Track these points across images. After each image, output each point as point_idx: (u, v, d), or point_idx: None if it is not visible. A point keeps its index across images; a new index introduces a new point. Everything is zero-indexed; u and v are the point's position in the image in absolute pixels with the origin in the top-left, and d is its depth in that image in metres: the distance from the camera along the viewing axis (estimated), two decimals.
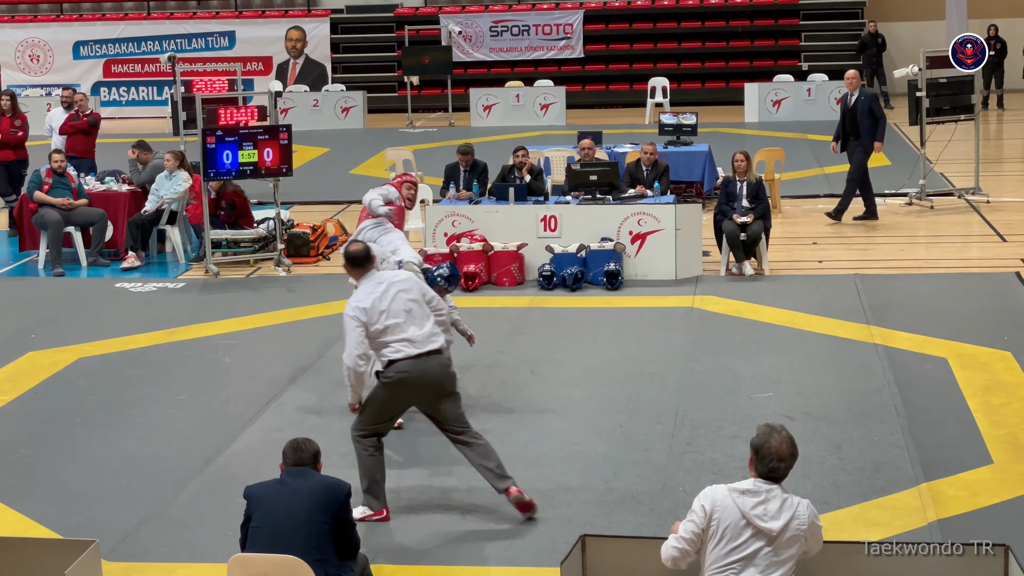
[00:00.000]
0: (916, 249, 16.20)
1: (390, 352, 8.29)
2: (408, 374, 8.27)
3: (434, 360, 8.35)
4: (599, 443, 9.74)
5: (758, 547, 5.87)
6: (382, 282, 8.43)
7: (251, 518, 6.57)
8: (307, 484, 6.56)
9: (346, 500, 6.61)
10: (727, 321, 12.89)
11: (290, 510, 6.46)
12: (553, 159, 18.57)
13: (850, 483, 8.87)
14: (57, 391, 11.38)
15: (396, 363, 8.28)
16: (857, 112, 17.21)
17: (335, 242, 16.83)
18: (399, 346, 8.29)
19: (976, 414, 10.10)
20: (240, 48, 32.95)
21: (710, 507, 5.95)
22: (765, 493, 5.93)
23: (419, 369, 8.28)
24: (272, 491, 6.61)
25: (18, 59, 33.56)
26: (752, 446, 6.03)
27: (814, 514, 6.01)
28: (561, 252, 14.42)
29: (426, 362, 8.29)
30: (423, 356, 8.29)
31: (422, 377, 8.30)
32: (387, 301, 8.32)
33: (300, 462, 6.66)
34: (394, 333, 8.29)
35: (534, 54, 32.55)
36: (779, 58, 31.74)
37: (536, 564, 7.82)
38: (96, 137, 19.56)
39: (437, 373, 8.37)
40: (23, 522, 8.66)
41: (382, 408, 8.46)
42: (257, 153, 15.38)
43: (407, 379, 8.28)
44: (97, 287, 15.27)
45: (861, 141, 17.20)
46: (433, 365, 8.33)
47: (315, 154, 25.18)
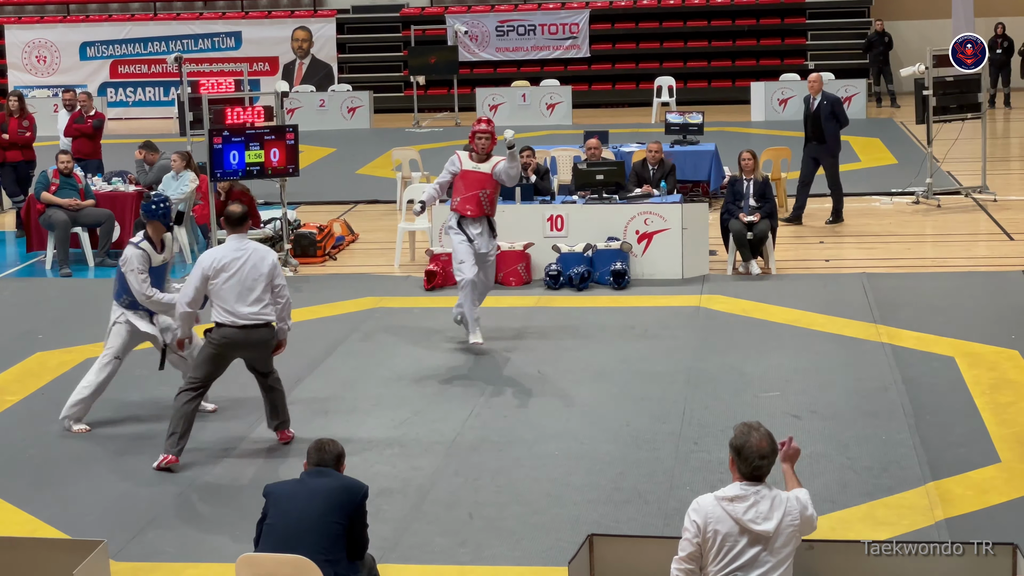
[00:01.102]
0: (923, 248, 16.18)
1: (216, 315, 9.46)
2: (231, 339, 9.48)
3: (256, 332, 9.51)
4: (606, 442, 9.74)
5: (756, 551, 5.82)
6: (244, 249, 9.60)
7: (266, 515, 6.59)
8: (324, 484, 6.56)
9: (362, 502, 6.62)
10: (734, 320, 12.89)
11: (304, 509, 6.46)
12: (560, 159, 18.57)
13: (857, 482, 8.86)
14: (65, 392, 11.35)
15: (223, 328, 9.46)
16: (821, 116, 17.09)
17: (342, 242, 16.85)
18: (225, 314, 9.42)
19: (984, 412, 10.09)
20: (246, 48, 32.99)
21: (702, 521, 5.86)
22: (753, 495, 5.87)
23: (242, 336, 9.48)
24: (289, 490, 6.63)
25: (25, 60, 33.62)
26: (732, 447, 5.94)
27: (804, 505, 5.95)
28: (568, 251, 14.42)
29: (250, 333, 9.49)
30: (247, 328, 9.46)
31: (245, 342, 9.52)
32: (237, 266, 9.48)
33: (322, 462, 6.66)
34: (223, 300, 9.41)
35: (540, 54, 32.56)
36: (785, 57, 31.73)
37: (543, 563, 7.82)
38: (101, 138, 19.57)
39: (256, 340, 9.56)
40: (31, 522, 8.67)
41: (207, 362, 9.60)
42: (264, 153, 15.38)
43: (230, 342, 9.49)
44: (104, 288, 15.19)
45: (826, 146, 17.05)
46: (254, 336, 9.52)
47: (321, 154, 25.20)
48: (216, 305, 9.47)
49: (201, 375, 9.61)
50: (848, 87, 28.26)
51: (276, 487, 6.73)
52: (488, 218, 11.96)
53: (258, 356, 9.71)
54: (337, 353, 12.12)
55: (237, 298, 9.43)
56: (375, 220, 18.66)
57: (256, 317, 9.48)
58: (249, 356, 9.72)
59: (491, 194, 11.92)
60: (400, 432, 10.11)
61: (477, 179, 11.85)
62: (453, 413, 10.47)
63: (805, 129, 17.40)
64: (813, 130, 17.23)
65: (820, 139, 17.16)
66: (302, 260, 15.97)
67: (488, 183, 11.87)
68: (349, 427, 10.21)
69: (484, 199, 11.86)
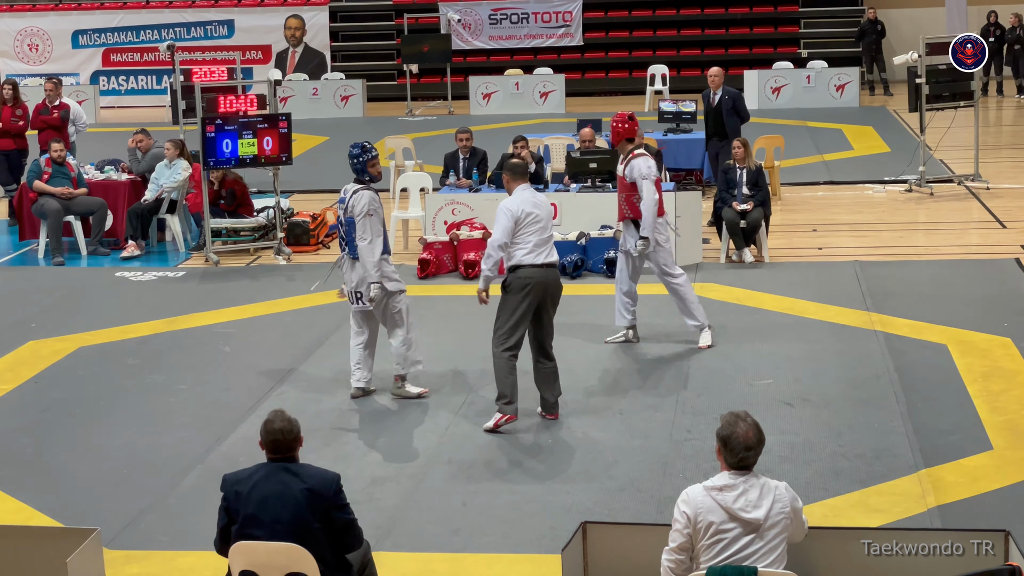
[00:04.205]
0: (916, 236, 16.20)
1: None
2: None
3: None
4: (599, 430, 9.76)
5: (748, 539, 5.81)
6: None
7: (232, 518, 6.25)
8: (291, 490, 6.17)
9: (335, 496, 6.25)
10: (727, 308, 12.90)
11: (275, 521, 6.14)
12: (553, 147, 18.55)
13: (850, 469, 8.88)
14: (57, 380, 11.39)
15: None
16: (722, 111, 16.93)
17: (335, 230, 16.83)
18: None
19: (976, 400, 10.11)
20: (239, 37, 32.92)
21: (692, 512, 5.85)
22: (742, 484, 5.86)
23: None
24: (257, 496, 6.20)
25: (17, 48, 33.53)
26: (719, 437, 5.92)
27: (794, 496, 5.95)
28: (561, 240, 14.40)
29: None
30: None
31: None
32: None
33: (280, 447, 6.25)
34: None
35: (533, 42, 32.52)
36: (778, 45, 31.71)
37: (537, 551, 7.83)
38: (67, 128, 18.93)
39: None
40: (24, 511, 8.68)
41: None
42: (257, 142, 15.37)
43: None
44: (97, 276, 15.27)
45: (727, 141, 16.70)
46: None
47: (315, 143, 25.17)
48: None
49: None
50: (841, 75, 28.27)
51: (238, 488, 6.25)
52: None
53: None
54: (330, 342, 12.12)
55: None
56: None
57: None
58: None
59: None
60: (393, 419, 10.11)
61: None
62: (446, 400, 10.48)
63: (706, 126, 17.12)
64: (715, 126, 16.98)
65: (722, 135, 16.93)
66: (295, 248, 15.97)
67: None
68: (342, 415, 10.22)
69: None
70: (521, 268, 9.70)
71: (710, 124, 16.99)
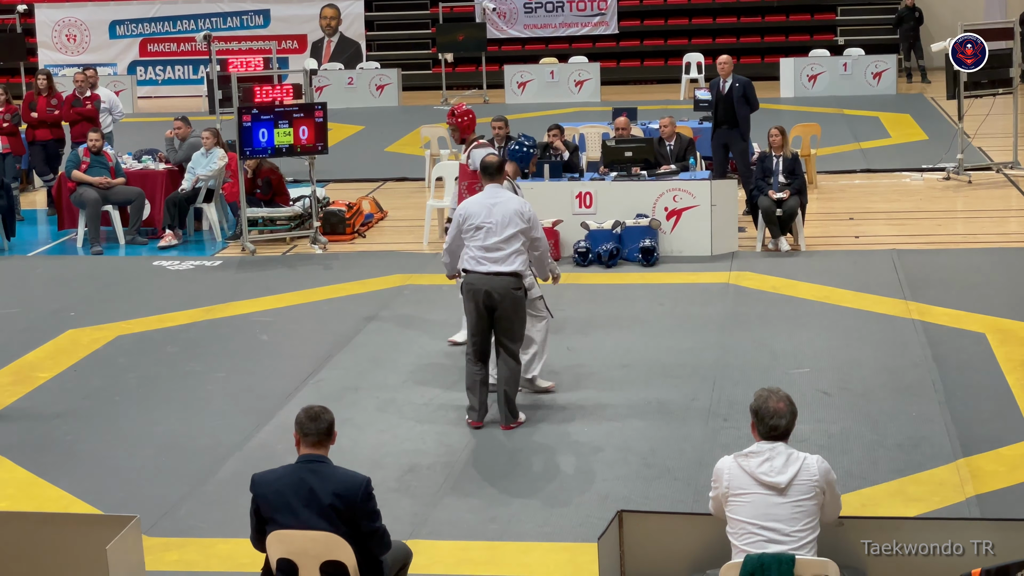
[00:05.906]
0: (954, 224, 16.10)
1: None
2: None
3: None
4: (635, 419, 9.75)
5: (769, 503, 5.92)
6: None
7: (264, 521, 6.20)
8: (319, 495, 6.09)
9: (363, 504, 6.12)
10: (763, 297, 12.86)
11: (303, 527, 6.09)
12: (588, 136, 18.54)
13: (888, 458, 8.85)
14: (97, 368, 11.47)
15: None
16: (733, 99, 16.80)
17: (371, 220, 16.88)
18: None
19: (1014, 389, 10.05)
20: (275, 27, 33.00)
21: (717, 475, 6.11)
22: (768, 451, 6.02)
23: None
24: (283, 504, 6.14)
25: (55, 39, 33.72)
26: (752, 410, 6.14)
27: (827, 470, 6.04)
28: (596, 228, 14.41)
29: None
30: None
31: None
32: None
33: (314, 431, 6.19)
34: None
35: (568, 30, 32.47)
36: (815, 32, 31.54)
37: (573, 539, 7.84)
38: (98, 119, 18.68)
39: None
40: (64, 498, 8.75)
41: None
42: (293, 131, 15.42)
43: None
44: (135, 265, 15.37)
45: (737, 130, 16.59)
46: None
47: (350, 132, 25.22)
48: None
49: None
50: (878, 63, 28.09)
51: (264, 491, 6.20)
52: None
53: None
54: (366, 330, 12.16)
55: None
56: (404, 197, 18.68)
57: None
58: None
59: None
60: (430, 409, 10.14)
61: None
62: None
63: (715, 114, 16.96)
64: (724, 114, 16.84)
65: (731, 123, 16.76)
66: (331, 238, 16.01)
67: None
68: (379, 403, 10.25)
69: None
70: (467, 273, 9.67)
71: (720, 112, 16.85)
